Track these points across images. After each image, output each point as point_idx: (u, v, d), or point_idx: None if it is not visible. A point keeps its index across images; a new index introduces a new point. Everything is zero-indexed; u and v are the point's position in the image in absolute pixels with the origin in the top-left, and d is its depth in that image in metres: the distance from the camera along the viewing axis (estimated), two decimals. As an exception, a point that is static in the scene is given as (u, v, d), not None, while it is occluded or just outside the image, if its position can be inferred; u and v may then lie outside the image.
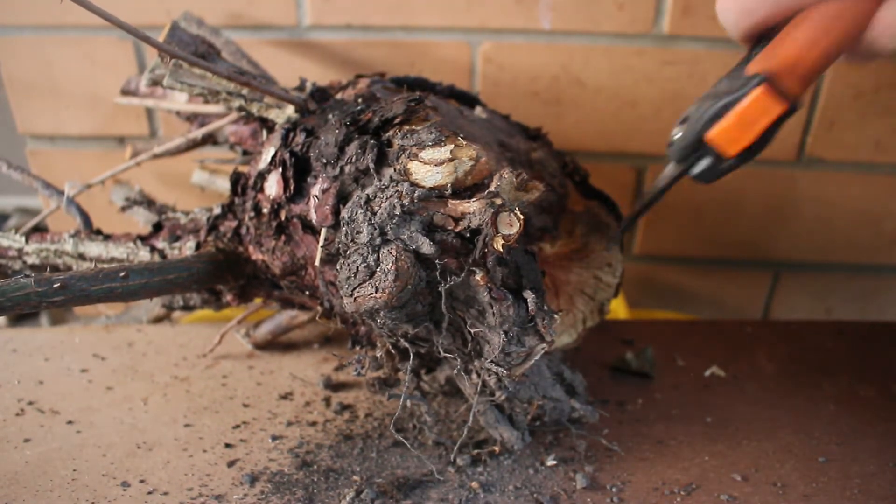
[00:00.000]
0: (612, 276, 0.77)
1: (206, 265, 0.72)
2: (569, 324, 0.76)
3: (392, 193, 0.58)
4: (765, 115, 0.56)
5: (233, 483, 0.65)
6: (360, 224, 0.57)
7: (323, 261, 0.66)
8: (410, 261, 0.56)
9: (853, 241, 1.11)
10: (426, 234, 0.57)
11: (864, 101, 1.00)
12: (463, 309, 0.59)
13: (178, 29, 0.72)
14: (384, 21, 0.99)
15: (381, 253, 0.56)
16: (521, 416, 0.67)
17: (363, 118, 0.65)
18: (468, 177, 0.57)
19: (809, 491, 0.65)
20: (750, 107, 0.56)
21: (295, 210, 0.69)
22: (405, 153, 0.59)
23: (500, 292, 0.57)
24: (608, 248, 0.76)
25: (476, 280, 0.57)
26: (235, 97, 0.74)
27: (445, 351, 0.61)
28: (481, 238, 0.56)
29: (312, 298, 0.73)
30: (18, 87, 1.05)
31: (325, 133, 0.67)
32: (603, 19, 0.97)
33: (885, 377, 0.84)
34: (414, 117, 0.63)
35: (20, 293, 0.60)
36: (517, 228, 0.54)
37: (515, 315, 0.57)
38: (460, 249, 0.58)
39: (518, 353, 0.58)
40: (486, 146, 0.68)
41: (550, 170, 0.73)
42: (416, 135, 0.60)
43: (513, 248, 0.56)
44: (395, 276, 0.55)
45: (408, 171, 0.58)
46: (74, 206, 0.84)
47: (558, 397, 0.69)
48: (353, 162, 0.63)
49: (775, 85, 0.55)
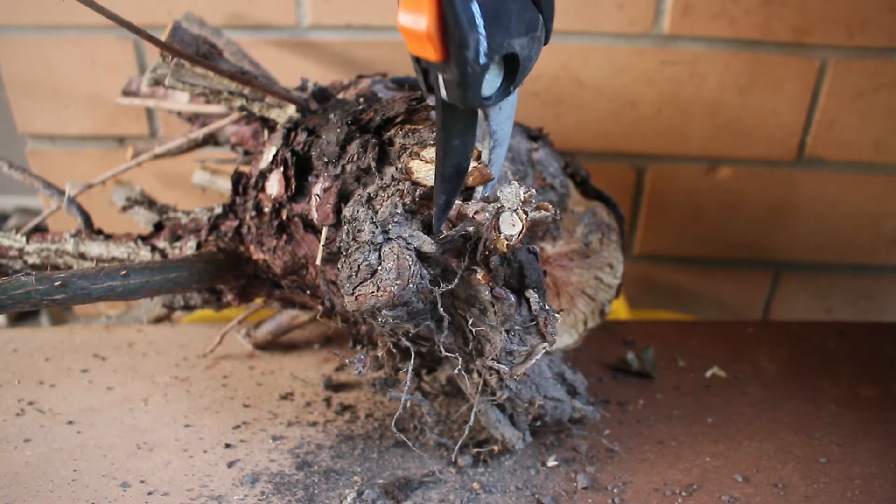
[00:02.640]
0: (612, 277, 0.77)
1: (207, 264, 0.72)
2: (570, 324, 0.76)
3: (394, 192, 0.58)
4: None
5: (233, 483, 0.64)
6: (361, 222, 0.57)
7: (324, 260, 0.66)
8: (412, 259, 0.56)
9: (853, 241, 1.11)
10: (428, 232, 0.57)
11: (864, 101, 1.00)
12: (464, 308, 0.59)
13: (181, 29, 0.72)
14: (384, 21, 0.99)
15: (382, 251, 0.56)
16: (522, 416, 0.67)
17: (365, 117, 0.65)
18: (469, 177, 0.57)
19: (811, 492, 0.65)
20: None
21: (296, 209, 0.69)
22: (406, 152, 0.59)
23: (502, 291, 0.57)
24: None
25: (477, 279, 0.57)
26: (237, 97, 0.74)
27: (447, 350, 0.61)
28: (482, 239, 0.56)
29: (313, 298, 0.73)
30: (18, 87, 1.05)
31: (326, 132, 0.67)
32: (603, 19, 0.97)
33: (886, 378, 0.84)
34: (415, 116, 0.63)
35: (21, 291, 0.60)
36: (520, 228, 0.54)
37: (517, 314, 0.57)
38: (462, 248, 0.58)
39: (520, 352, 0.58)
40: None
41: (551, 170, 0.73)
42: (417, 133, 0.60)
43: (516, 249, 0.56)
44: (397, 275, 0.55)
45: (409, 170, 0.58)
46: (75, 206, 0.84)
47: (559, 397, 0.69)
48: (354, 161, 0.63)
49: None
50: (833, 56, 0.98)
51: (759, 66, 0.99)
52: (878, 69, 0.98)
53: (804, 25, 0.96)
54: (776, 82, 1.00)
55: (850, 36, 0.96)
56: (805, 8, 0.95)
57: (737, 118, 1.02)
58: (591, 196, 0.76)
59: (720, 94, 1.01)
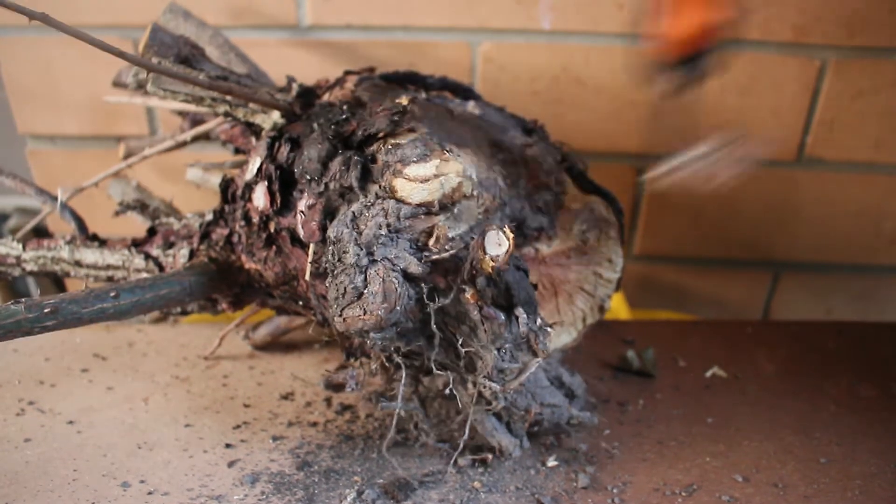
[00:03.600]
0: (612, 272, 0.76)
1: (199, 277, 0.71)
2: (568, 322, 0.76)
3: (377, 212, 0.56)
4: None
5: (233, 483, 0.64)
6: (346, 244, 0.56)
7: (313, 275, 0.65)
8: (398, 281, 0.55)
9: (853, 241, 1.11)
10: (414, 252, 0.56)
11: (864, 101, 1.00)
12: (455, 325, 0.59)
13: (160, 31, 0.71)
14: (384, 21, 0.99)
15: (368, 274, 0.55)
16: (519, 423, 0.67)
17: (347, 130, 0.64)
18: (455, 192, 0.57)
19: (810, 492, 0.65)
20: None
21: (283, 223, 0.68)
22: (390, 170, 0.58)
23: (491, 311, 0.56)
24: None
25: (466, 298, 0.56)
26: (220, 103, 0.73)
27: (439, 366, 0.60)
28: (469, 260, 0.55)
29: (306, 309, 0.72)
30: (18, 87, 1.05)
31: (308, 147, 0.65)
32: (603, 19, 0.97)
33: (886, 377, 0.84)
34: (398, 130, 0.62)
35: (11, 320, 0.60)
36: (506, 248, 0.53)
37: (507, 332, 0.56)
38: (449, 267, 0.57)
39: (511, 370, 0.58)
40: (475, 151, 0.67)
41: (546, 167, 0.72)
42: (400, 150, 0.59)
43: (502, 270, 0.55)
44: (383, 298, 0.54)
45: (393, 189, 0.57)
46: (68, 212, 0.84)
47: (557, 403, 0.68)
48: (337, 179, 0.62)
49: None
50: (833, 56, 0.98)
51: (759, 66, 0.99)
52: (878, 69, 0.98)
53: (804, 25, 0.96)
54: (776, 82, 1.00)
55: (850, 36, 0.96)
56: (805, 8, 0.95)
57: (737, 118, 1.02)
58: (588, 190, 0.75)
59: (720, 94, 1.01)
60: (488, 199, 0.62)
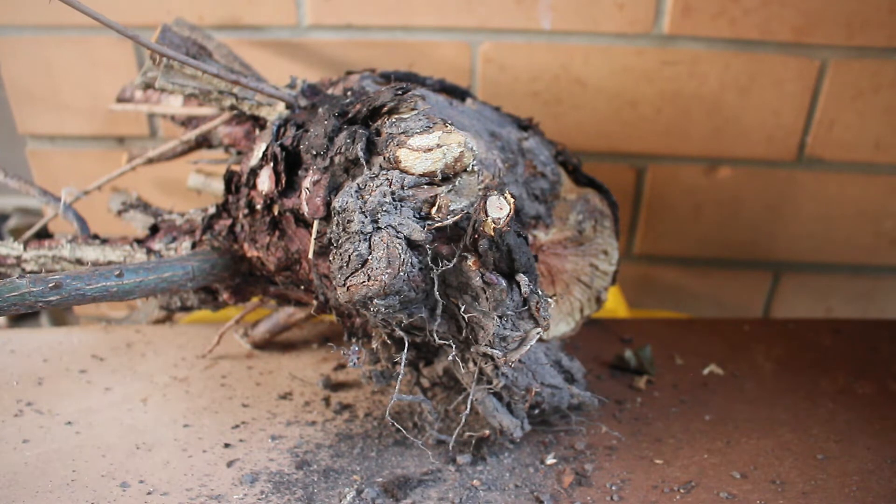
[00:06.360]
0: (608, 264, 0.76)
1: (202, 263, 0.72)
2: (566, 312, 0.76)
3: (382, 182, 0.58)
4: None
5: (232, 483, 0.65)
6: (351, 213, 0.57)
7: (316, 253, 0.66)
8: (402, 247, 0.56)
9: (853, 241, 1.11)
10: (417, 220, 0.57)
11: (864, 101, 1.00)
12: (456, 295, 0.59)
13: (169, 31, 0.73)
14: (384, 21, 0.99)
15: (372, 241, 0.56)
16: (520, 403, 0.67)
17: (352, 109, 0.65)
18: (457, 163, 0.58)
19: (808, 488, 0.65)
20: None
21: (287, 204, 0.69)
22: (394, 141, 0.60)
23: (493, 276, 0.57)
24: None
25: (468, 265, 0.57)
26: (227, 96, 0.74)
27: (441, 338, 0.61)
28: (471, 223, 0.56)
29: (307, 293, 0.73)
30: (18, 87, 1.05)
31: (314, 125, 0.67)
32: (603, 19, 0.97)
33: (883, 374, 0.84)
34: (402, 105, 0.64)
35: (15, 293, 0.60)
36: (507, 211, 0.54)
37: (509, 299, 0.57)
38: (452, 234, 0.58)
39: (513, 338, 0.58)
40: (476, 135, 0.68)
41: (542, 158, 0.73)
42: (404, 122, 0.61)
43: (504, 232, 0.56)
44: (387, 263, 0.55)
45: (397, 159, 0.59)
46: (72, 212, 0.85)
47: (557, 385, 0.69)
48: (342, 152, 0.63)
49: None
50: (833, 56, 0.98)
51: (759, 66, 0.99)
52: (878, 69, 0.98)
53: (804, 25, 0.96)
54: (776, 82, 1.00)
55: (850, 36, 0.96)
56: (805, 8, 0.95)
57: (736, 118, 1.02)
58: (582, 183, 0.76)
59: (720, 93, 1.01)
60: (488, 177, 0.62)
